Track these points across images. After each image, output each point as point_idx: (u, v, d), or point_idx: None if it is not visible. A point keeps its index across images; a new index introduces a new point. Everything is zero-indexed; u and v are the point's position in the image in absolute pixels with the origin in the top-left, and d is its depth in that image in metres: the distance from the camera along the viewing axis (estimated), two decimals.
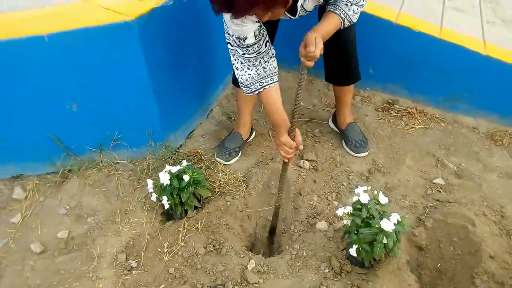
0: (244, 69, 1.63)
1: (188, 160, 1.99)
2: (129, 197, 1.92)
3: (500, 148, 2.21)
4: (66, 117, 1.84)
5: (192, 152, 2.13)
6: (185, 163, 1.80)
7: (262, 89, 1.63)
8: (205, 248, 1.70)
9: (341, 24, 1.55)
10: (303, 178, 2.01)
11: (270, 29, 1.68)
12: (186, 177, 1.71)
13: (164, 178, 1.71)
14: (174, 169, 1.75)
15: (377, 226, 1.46)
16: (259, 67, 1.61)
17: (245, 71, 1.62)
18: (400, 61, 2.35)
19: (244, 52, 1.56)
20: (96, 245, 1.75)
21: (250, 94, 1.66)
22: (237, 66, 1.64)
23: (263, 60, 1.60)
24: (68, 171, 1.98)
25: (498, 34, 2.34)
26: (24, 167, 1.97)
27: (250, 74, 1.62)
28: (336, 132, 2.28)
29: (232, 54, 1.64)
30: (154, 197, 1.79)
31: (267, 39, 1.59)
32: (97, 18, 1.65)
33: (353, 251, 1.51)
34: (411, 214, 1.87)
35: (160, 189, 1.77)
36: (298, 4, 1.52)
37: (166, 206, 1.75)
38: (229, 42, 1.60)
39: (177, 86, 2.04)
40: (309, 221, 1.83)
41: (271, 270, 1.63)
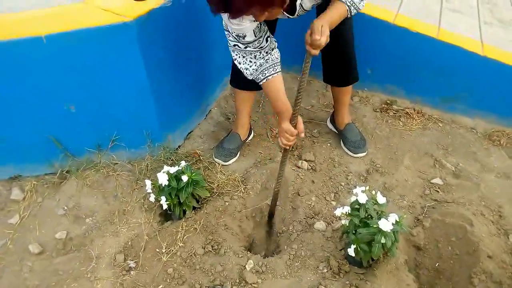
0: (247, 63, 1.64)
1: (187, 161, 2.00)
2: (128, 198, 1.92)
3: (498, 148, 2.22)
4: (65, 118, 1.84)
5: (191, 153, 2.13)
6: (184, 164, 1.80)
7: (265, 80, 1.64)
8: (204, 249, 1.70)
9: (348, 12, 1.52)
10: (302, 179, 2.02)
11: (269, 29, 1.68)
12: (185, 178, 1.72)
13: (163, 179, 1.71)
14: (173, 170, 1.75)
15: (375, 226, 1.46)
16: (261, 60, 1.62)
17: (248, 65, 1.64)
18: (398, 62, 2.36)
19: (246, 46, 1.58)
20: (95, 246, 1.74)
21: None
22: (239, 61, 1.66)
23: (265, 52, 1.62)
24: (66, 172, 1.98)
25: (496, 35, 2.35)
26: (22, 168, 1.97)
27: (252, 67, 1.64)
28: (334, 133, 2.28)
29: (233, 51, 1.66)
30: (153, 198, 1.79)
31: (268, 35, 1.60)
32: (96, 19, 1.65)
33: (352, 251, 1.51)
34: (409, 214, 1.88)
35: (159, 190, 1.77)
36: (297, 3, 1.53)
37: (165, 207, 1.75)
38: (230, 39, 1.61)
39: (176, 87, 2.04)
40: (308, 221, 1.84)
41: (270, 270, 1.63)
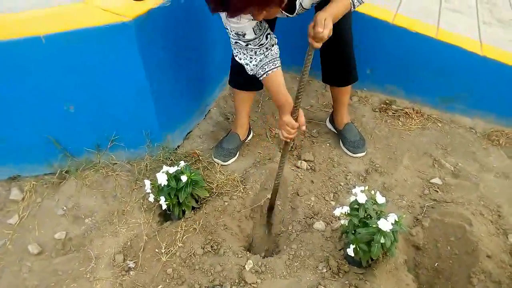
0: (247, 59, 1.65)
1: (186, 161, 2.00)
2: (127, 198, 1.92)
3: (497, 148, 2.22)
4: (64, 118, 1.84)
5: (190, 153, 2.13)
6: (183, 164, 1.80)
7: (266, 75, 1.64)
8: (203, 249, 1.70)
9: (351, 6, 1.51)
10: (301, 179, 2.02)
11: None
12: (184, 178, 1.72)
13: (162, 179, 1.71)
14: (172, 170, 1.75)
15: (375, 226, 1.46)
16: (261, 55, 1.63)
17: (248, 60, 1.65)
18: (397, 62, 2.36)
19: (247, 44, 1.59)
20: (94, 246, 1.74)
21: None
22: (240, 57, 1.67)
23: (265, 48, 1.62)
24: (66, 172, 1.97)
25: (495, 35, 2.35)
26: (21, 168, 1.97)
27: (253, 62, 1.64)
28: (334, 133, 2.28)
29: (234, 48, 1.66)
30: (152, 198, 1.79)
31: (268, 32, 1.60)
32: (95, 19, 1.65)
33: (351, 251, 1.51)
34: (409, 214, 1.88)
35: (158, 190, 1.76)
36: (297, 2, 1.53)
37: (164, 207, 1.75)
38: (231, 37, 1.62)
39: (175, 87, 2.04)
40: (307, 221, 1.84)
41: (269, 270, 1.63)
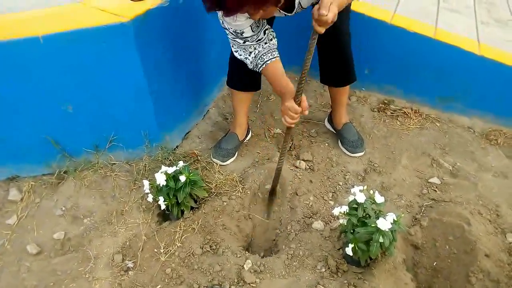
0: (246, 53, 1.66)
1: (185, 161, 2.00)
2: (126, 198, 1.92)
3: (495, 148, 2.23)
4: (62, 118, 1.84)
5: (189, 153, 2.13)
6: (182, 164, 1.80)
7: (265, 65, 1.64)
8: (202, 249, 1.70)
9: None
10: (299, 178, 2.02)
11: None
12: (183, 178, 1.72)
13: (161, 179, 1.71)
14: (171, 170, 1.75)
15: (373, 225, 1.46)
16: (260, 48, 1.63)
17: (247, 54, 1.65)
18: (396, 62, 2.36)
19: (245, 41, 1.59)
20: (93, 246, 1.74)
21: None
22: (240, 53, 1.68)
23: (263, 42, 1.63)
24: (64, 172, 1.97)
25: (493, 35, 2.36)
26: (20, 169, 1.97)
27: (252, 56, 1.65)
28: (332, 132, 2.28)
29: (232, 45, 1.67)
30: (151, 198, 1.79)
31: (266, 27, 1.61)
32: (93, 20, 1.65)
33: (350, 250, 1.52)
34: (407, 213, 1.88)
35: (157, 190, 1.76)
36: (296, 1, 1.53)
37: (163, 207, 1.75)
38: (227, 35, 1.62)
39: (174, 87, 2.04)
40: (306, 221, 1.84)
41: (268, 270, 1.63)
